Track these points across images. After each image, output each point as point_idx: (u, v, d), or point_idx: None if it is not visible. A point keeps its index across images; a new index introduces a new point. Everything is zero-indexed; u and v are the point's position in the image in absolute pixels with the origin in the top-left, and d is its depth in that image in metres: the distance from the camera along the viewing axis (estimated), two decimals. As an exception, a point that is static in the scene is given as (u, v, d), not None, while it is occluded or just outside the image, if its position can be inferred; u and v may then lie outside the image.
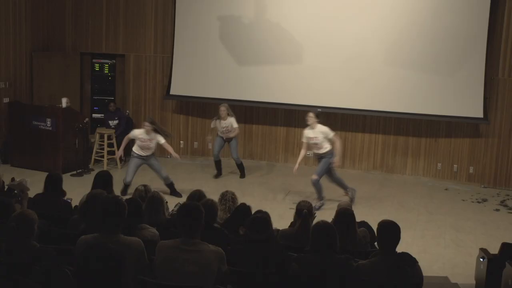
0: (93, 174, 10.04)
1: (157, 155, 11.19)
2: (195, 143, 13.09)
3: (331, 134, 9.44)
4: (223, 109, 10.98)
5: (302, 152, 9.81)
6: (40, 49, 13.34)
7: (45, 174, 6.58)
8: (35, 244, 4.22)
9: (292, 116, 12.58)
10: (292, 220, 6.08)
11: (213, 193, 7.06)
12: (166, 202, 6.21)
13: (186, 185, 9.94)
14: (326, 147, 9.39)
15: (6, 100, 12.39)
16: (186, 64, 12.59)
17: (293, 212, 6.02)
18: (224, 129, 11.06)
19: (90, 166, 12.00)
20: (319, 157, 9.62)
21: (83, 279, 3.34)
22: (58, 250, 4.28)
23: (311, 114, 9.40)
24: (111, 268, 3.26)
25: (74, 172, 11.44)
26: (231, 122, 11.08)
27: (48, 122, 11.46)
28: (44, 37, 13.38)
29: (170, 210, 6.46)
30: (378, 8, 11.47)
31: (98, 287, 3.22)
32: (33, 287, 3.39)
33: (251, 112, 12.87)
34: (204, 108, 13.01)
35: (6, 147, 12.27)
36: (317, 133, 9.48)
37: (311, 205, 5.90)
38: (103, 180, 6.44)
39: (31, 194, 6.18)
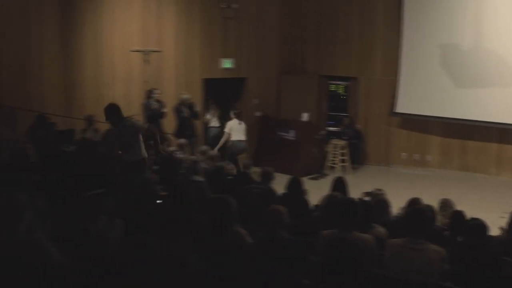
0: (327, 179, 14.21)
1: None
2: (415, 155, 17.08)
3: None
4: None
5: None
6: (286, 72, 17.74)
7: (286, 177, 9.36)
8: (285, 235, 5.64)
9: (506, 134, 15.73)
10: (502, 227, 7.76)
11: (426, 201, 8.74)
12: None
13: (406, 192, 11.84)
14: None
15: (258, 113, 17.17)
16: (410, 85, 16.51)
17: (503, 220, 7.76)
18: None
19: (325, 171, 16.14)
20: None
21: (328, 269, 4.34)
22: (304, 241, 5.84)
23: None
24: (351, 260, 4.27)
25: (311, 176, 15.47)
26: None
27: (291, 133, 16.02)
28: (290, 61, 18.04)
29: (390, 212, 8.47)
30: None
31: (341, 277, 4.22)
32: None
33: (466, 129, 16.19)
34: (425, 124, 16.68)
35: (256, 152, 16.66)
36: None
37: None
38: (340, 184, 8.91)
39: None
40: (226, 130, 14.99)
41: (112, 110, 9.27)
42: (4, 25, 13.16)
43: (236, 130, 14.89)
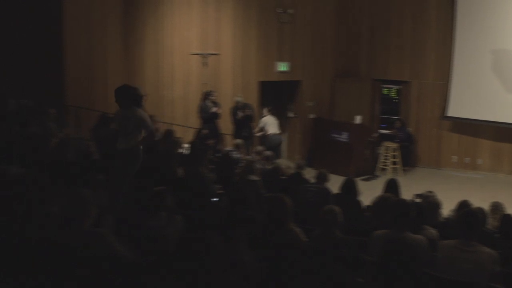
0: (378, 180, 14.41)
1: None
2: (466, 158, 16.74)
3: None
4: None
5: None
6: (340, 75, 17.64)
7: (339, 178, 9.60)
8: (339, 234, 5.69)
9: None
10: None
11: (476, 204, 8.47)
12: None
13: (456, 194, 11.77)
14: None
15: (312, 116, 17.10)
16: (461, 89, 16.25)
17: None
18: None
19: (376, 173, 16.03)
20: None
21: (382, 268, 4.36)
22: (357, 241, 5.82)
23: None
24: (406, 260, 4.25)
25: (363, 177, 15.29)
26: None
27: (344, 135, 15.91)
28: (343, 65, 17.89)
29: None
30: None
31: (395, 276, 4.21)
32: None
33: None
34: (476, 128, 16.36)
35: (310, 153, 16.78)
36: None
37: None
38: (392, 186, 8.80)
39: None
40: (261, 124, 15.45)
41: (123, 93, 8.46)
42: (71, 31, 13.58)
43: (271, 124, 15.25)
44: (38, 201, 5.04)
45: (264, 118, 15.34)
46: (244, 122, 14.67)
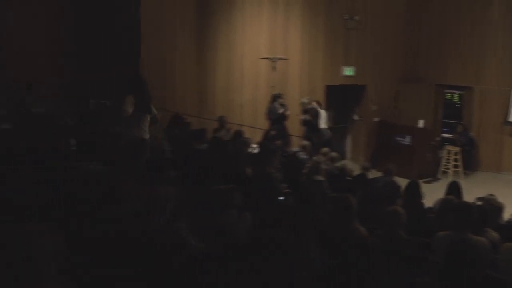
0: (440, 183, 14.26)
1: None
2: None
3: None
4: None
5: None
6: (404, 80, 17.53)
7: (401, 180, 9.65)
8: (402, 235, 5.66)
9: None
10: None
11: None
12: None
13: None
14: None
15: (376, 119, 17.09)
16: None
17: None
18: None
19: (438, 175, 15.84)
20: None
21: (446, 269, 4.30)
22: (420, 241, 5.80)
23: None
24: (470, 261, 4.19)
25: (425, 180, 14.91)
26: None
27: (407, 138, 15.83)
28: (408, 70, 17.80)
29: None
30: None
31: (459, 277, 4.15)
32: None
33: None
34: None
35: (374, 155, 16.62)
36: None
37: None
38: (455, 188, 8.75)
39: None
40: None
41: (136, 82, 8.48)
42: (147, 36, 13.91)
43: (323, 118, 15.25)
44: (117, 197, 5.12)
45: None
46: (309, 124, 14.78)
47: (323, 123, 15.07)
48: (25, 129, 8.62)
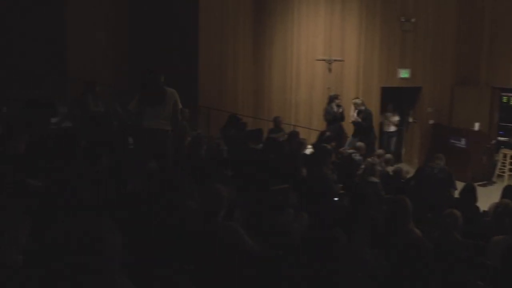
0: (495, 186, 14.08)
1: None
2: None
3: None
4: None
5: None
6: (460, 82, 17.23)
7: (457, 183, 9.72)
8: (458, 237, 5.61)
9: None
10: None
11: None
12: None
13: None
14: None
15: (431, 121, 16.86)
16: None
17: None
18: None
19: (493, 179, 15.56)
20: None
21: (503, 273, 4.31)
22: (475, 245, 5.77)
23: None
24: None
25: (480, 183, 14.73)
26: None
27: (462, 141, 15.64)
28: (463, 72, 17.40)
29: None
30: None
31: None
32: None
33: None
34: None
35: (429, 157, 15.47)
36: None
37: None
38: (510, 192, 8.50)
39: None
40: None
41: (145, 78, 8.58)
42: (205, 37, 14.20)
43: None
44: (176, 195, 5.21)
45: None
46: (362, 125, 14.77)
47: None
48: (85, 127, 8.79)
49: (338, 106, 14.41)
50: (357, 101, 14.70)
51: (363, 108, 14.72)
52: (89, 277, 2.43)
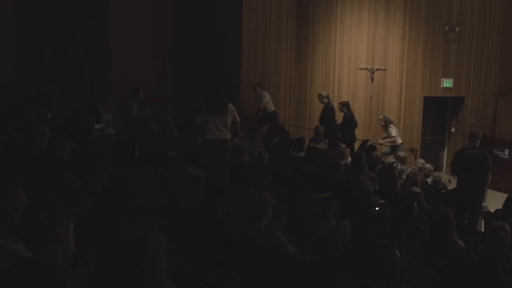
0: None
1: None
2: None
3: None
4: None
5: None
6: (503, 93, 17.01)
7: (499, 194, 10.21)
8: (505, 252, 5.50)
9: None
10: None
11: None
12: None
13: None
14: None
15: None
16: None
17: None
18: None
19: None
20: None
21: None
22: None
23: None
24: None
25: None
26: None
27: (506, 152, 15.46)
28: (507, 82, 17.25)
29: None
30: None
31: None
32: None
33: None
34: None
35: None
36: None
37: None
38: None
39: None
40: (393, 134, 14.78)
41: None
42: (247, 44, 14.49)
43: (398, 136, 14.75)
44: (219, 201, 5.25)
45: (395, 128, 14.90)
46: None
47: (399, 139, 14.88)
48: (129, 134, 8.90)
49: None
50: (322, 93, 14.20)
51: (326, 101, 14.10)
52: (141, 278, 2.50)
